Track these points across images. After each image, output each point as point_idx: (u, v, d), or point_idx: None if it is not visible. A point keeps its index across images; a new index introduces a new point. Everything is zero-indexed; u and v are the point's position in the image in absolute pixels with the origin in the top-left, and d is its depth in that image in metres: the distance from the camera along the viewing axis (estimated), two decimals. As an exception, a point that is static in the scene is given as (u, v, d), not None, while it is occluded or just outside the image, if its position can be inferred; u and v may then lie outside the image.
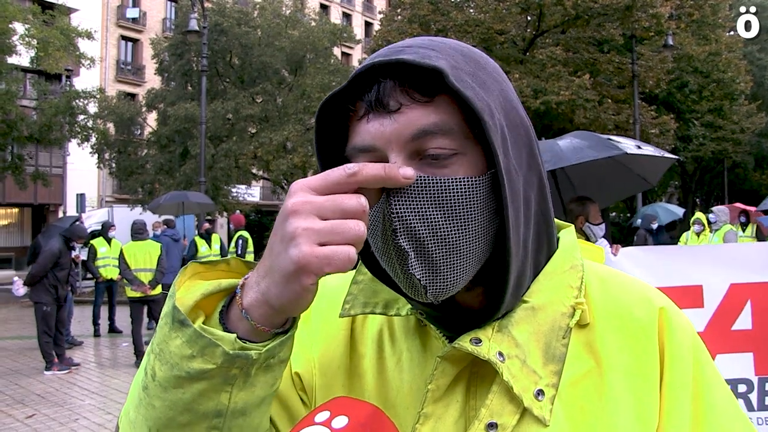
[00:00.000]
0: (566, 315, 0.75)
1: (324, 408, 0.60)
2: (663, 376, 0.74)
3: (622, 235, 22.18)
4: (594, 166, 4.63)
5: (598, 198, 4.89)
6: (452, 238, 0.67)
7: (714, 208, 11.22)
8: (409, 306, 0.78)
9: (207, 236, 12.48)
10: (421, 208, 0.66)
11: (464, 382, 0.74)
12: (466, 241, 0.68)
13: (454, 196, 0.67)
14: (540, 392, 0.71)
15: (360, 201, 0.61)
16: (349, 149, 0.72)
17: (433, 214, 0.66)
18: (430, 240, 0.66)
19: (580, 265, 0.79)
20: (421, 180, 0.66)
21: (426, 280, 0.67)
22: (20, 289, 8.49)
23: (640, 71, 18.47)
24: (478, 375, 0.74)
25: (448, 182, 0.67)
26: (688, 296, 2.95)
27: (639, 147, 4.39)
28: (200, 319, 0.67)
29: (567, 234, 0.84)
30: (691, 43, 22.15)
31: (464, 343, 0.70)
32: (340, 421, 0.58)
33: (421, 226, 0.66)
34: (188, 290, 0.68)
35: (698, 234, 11.68)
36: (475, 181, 0.68)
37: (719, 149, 25.47)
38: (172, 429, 0.66)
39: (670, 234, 14.09)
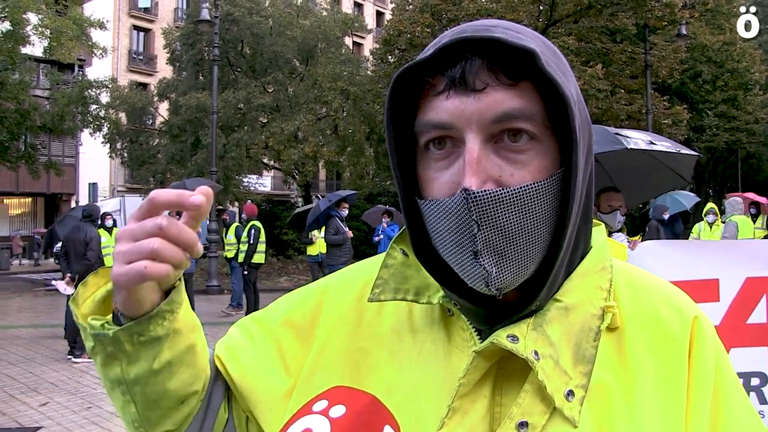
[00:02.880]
0: (596, 316, 0.74)
1: (322, 397, 0.61)
2: (689, 383, 0.73)
3: (634, 226, 22.08)
4: (629, 160, 4.60)
5: (634, 193, 4.87)
6: (525, 235, 0.67)
7: (727, 200, 11.13)
8: (441, 294, 0.77)
9: (227, 225, 12.66)
10: (499, 214, 0.65)
11: (491, 378, 0.73)
12: (535, 237, 0.68)
13: (529, 199, 0.66)
14: (570, 393, 0.70)
15: (155, 222, 0.69)
16: (421, 124, 0.70)
17: (509, 218, 0.66)
18: (504, 239, 0.66)
19: (610, 267, 0.78)
20: (498, 192, 0.65)
21: (495, 273, 0.67)
22: (67, 288, 8.57)
23: (653, 61, 18.29)
24: (506, 371, 0.73)
25: (525, 189, 0.66)
26: (704, 290, 2.93)
27: (652, 143, 4.33)
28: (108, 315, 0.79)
29: (598, 233, 0.82)
30: (704, 33, 21.92)
31: (501, 339, 0.69)
32: (338, 410, 0.59)
33: (496, 228, 0.66)
34: (90, 298, 0.81)
35: (711, 224, 11.62)
36: (547, 182, 0.68)
37: (733, 140, 25.24)
38: (107, 391, 0.81)
39: (684, 225, 13.95)
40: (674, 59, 19.05)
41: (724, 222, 10.80)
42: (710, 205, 12.45)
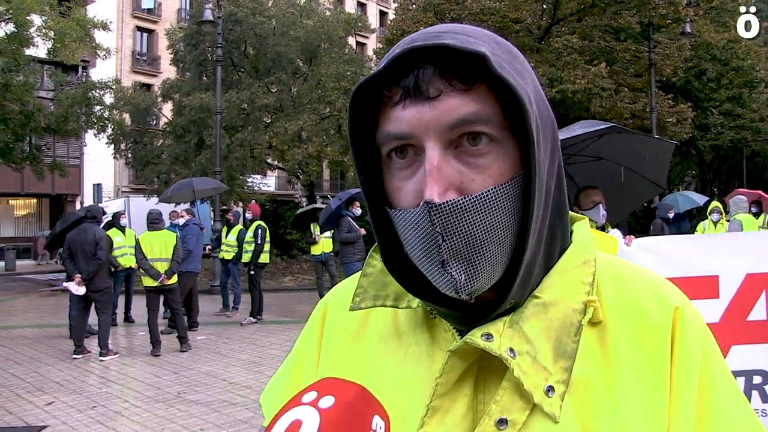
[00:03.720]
0: (578, 311, 0.74)
1: (311, 389, 0.61)
2: (672, 373, 0.72)
3: (638, 225, 22.02)
4: (601, 175, 4.74)
5: (613, 207, 4.94)
6: (490, 240, 0.67)
7: (732, 198, 11.08)
8: (419, 299, 0.78)
9: (229, 227, 12.66)
10: (462, 223, 0.66)
11: (472, 376, 0.74)
12: (501, 240, 0.68)
13: (491, 205, 0.67)
14: (550, 388, 0.70)
15: None
16: (382, 136, 0.71)
17: (473, 226, 0.66)
18: (470, 246, 0.67)
19: (593, 260, 0.78)
20: (460, 202, 0.66)
21: (464, 280, 0.67)
22: (79, 289, 8.62)
23: (657, 59, 18.23)
24: (487, 370, 0.73)
25: (488, 194, 0.66)
26: (703, 286, 2.91)
27: (615, 126, 4.49)
28: None
29: (581, 227, 0.83)
30: (709, 31, 21.82)
31: (475, 338, 0.70)
32: (327, 401, 0.59)
33: (461, 236, 0.66)
34: None
35: (716, 223, 11.59)
36: (508, 185, 0.68)
37: (738, 138, 25.11)
38: None
39: (690, 223, 13.93)
40: (678, 57, 18.98)
41: (728, 221, 10.76)
42: (715, 203, 12.41)
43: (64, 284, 8.76)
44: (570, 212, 0.82)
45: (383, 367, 0.81)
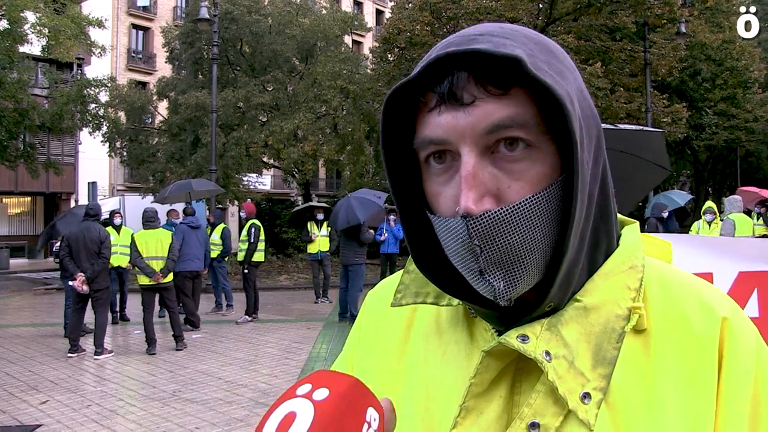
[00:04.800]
0: (621, 317, 0.71)
1: (305, 381, 0.62)
2: (719, 390, 0.69)
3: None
4: (612, 166, 4.76)
5: (623, 195, 4.96)
6: (529, 247, 0.66)
7: (727, 198, 11.13)
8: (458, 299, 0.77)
9: (212, 226, 12.63)
10: (500, 234, 0.65)
11: (509, 377, 0.72)
12: (540, 246, 0.67)
13: (529, 213, 0.66)
14: (586, 395, 0.68)
15: None
16: (419, 141, 0.70)
17: (511, 235, 0.65)
18: (508, 255, 0.66)
19: (641, 266, 0.75)
20: (498, 213, 0.65)
21: (503, 288, 0.67)
22: (84, 287, 8.60)
23: (652, 59, 18.29)
24: (524, 371, 0.72)
25: (525, 204, 0.65)
26: (698, 283, 2.97)
27: (616, 125, 4.53)
28: None
29: (630, 231, 0.80)
30: (704, 31, 21.90)
31: (511, 339, 0.69)
32: (321, 393, 0.60)
33: (499, 248, 0.66)
34: None
35: (710, 223, 11.64)
36: (546, 192, 0.67)
37: (732, 138, 25.24)
38: None
39: (682, 223, 14.04)
40: (674, 57, 19.05)
41: (723, 220, 10.81)
42: (709, 203, 12.46)
43: (70, 283, 8.72)
44: (620, 216, 0.80)
45: (425, 366, 0.80)
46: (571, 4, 17.67)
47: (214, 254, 12.28)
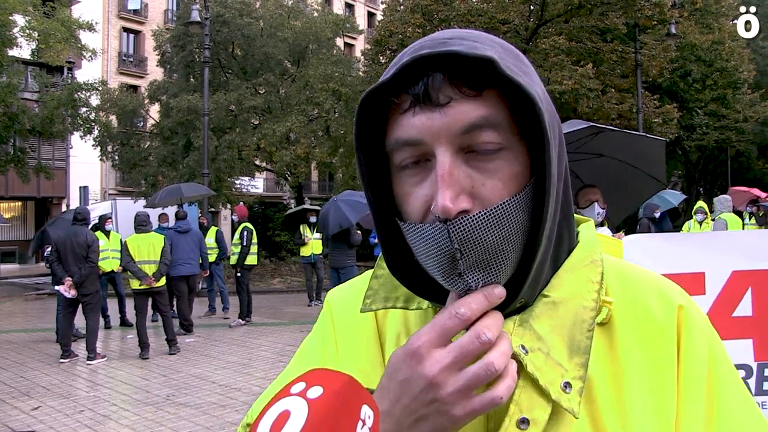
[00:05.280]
0: (588, 309, 0.74)
1: (300, 380, 0.62)
2: (679, 373, 0.73)
3: (626, 225, 22.17)
4: (603, 171, 4.80)
5: (615, 205, 5.00)
6: (504, 247, 0.68)
7: (717, 198, 11.20)
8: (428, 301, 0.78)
9: (203, 229, 12.59)
10: (479, 236, 0.66)
11: None
12: (513, 244, 0.69)
13: (507, 214, 0.67)
14: (567, 384, 0.70)
15: (481, 340, 0.65)
16: (392, 142, 0.71)
17: (489, 236, 0.67)
18: (484, 255, 0.67)
19: (600, 260, 0.78)
20: (477, 216, 0.66)
21: (481, 284, 0.68)
22: (71, 291, 8.55)
23: (643, 60, 18.39)
24: None
25: (504, 206, 0.67)
26: (690, 283, 2.95)
27: (615, 128, 4.58)
28: None
29: (586, 229, 0.83)
30: (694, 32, 22.05)
31: None
32: (315, 392, 0.60)
33: (478, 249, 0.67)
34: None
35: (700, 223, 11.71)
36: (523, 193, 0.69)
37: (723, 138, 25.38)
38: None
39: (674, 223, 14.10)
40: (664, 58, 19.15)
41: (714, 220, 10.87)
42: (700, 203, 12.54)
43: (57, 287, 8.68)
44: (575, 215, 0.82)
45: None
46: (562, 5, 17.73)
47: (211, 258, 12.25)
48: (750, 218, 13.32)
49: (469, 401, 0.64)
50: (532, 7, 18.92)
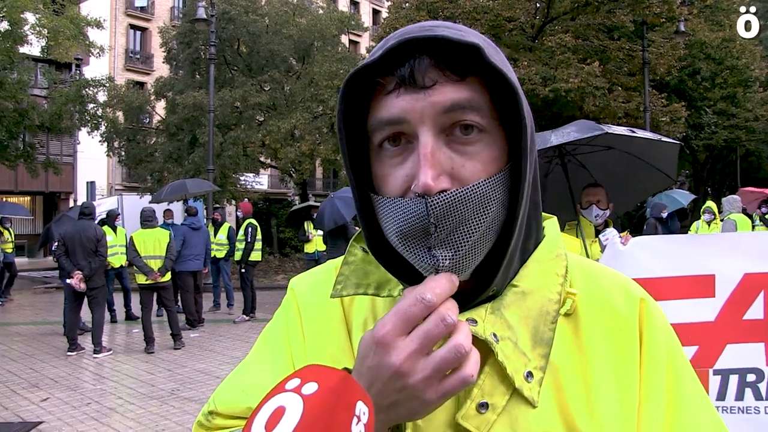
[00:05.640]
0: (553, 301, 0.77)
1: (295, 376, 0.62)
2: (641, 362, 0.77)
3: (632, 225, 22.07)
4: (612, 163, 4.73)
5: (621, 196, 4.95)
6: (478, 229, 0.69)
7: (726, 198, 11.12)
8: (401, 287, 0.78)
9: (216, 225, 12.60)
10: (455, 213, 0.68)
11: None
12: (487, 228, 0.70)
13: (483, 195, 0.69)
14: (529, 374, 0.72)
15: (446, 323, 0.64)
16: (374, 122, 0.73)
17: (464, 215, 0.68)
18: (458, 234, 0.69)
19: (564, 255, 0.82)
20: (455, 193, 0.67)
21: (448, 265, 0.69)
22: (81, 283, 8.58)
23: (651, 58, 18.25)
24: None
25: (482, 185, 0.69)
26: (699, 285, 2.91)
27: (633, 131, 4.47)
28: None
29: (551, 225, 0.86)
30: (703, 29, 21.82)
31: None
32: (310, 388, 0.60)
33: (452, 226, 0.68)
34: None
35: (709, 223, 11.62)
36: (500, 175, 0.71)
37: (732, 137, 25.12)
38: None
39: (682, 223, 14.00)
40: (672, 56, 19.01)
41: (722, 220, 10.80)
42: (708, 203, 12.46)
43: (67, 281, 8.71)
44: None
45: None
46: (569, 3, 17.64)
47: (221, 254, 12.27)
48: (759, 220, 13.12)
49: (440, 384, 0.64)
50: (538, 5, 18.83)
